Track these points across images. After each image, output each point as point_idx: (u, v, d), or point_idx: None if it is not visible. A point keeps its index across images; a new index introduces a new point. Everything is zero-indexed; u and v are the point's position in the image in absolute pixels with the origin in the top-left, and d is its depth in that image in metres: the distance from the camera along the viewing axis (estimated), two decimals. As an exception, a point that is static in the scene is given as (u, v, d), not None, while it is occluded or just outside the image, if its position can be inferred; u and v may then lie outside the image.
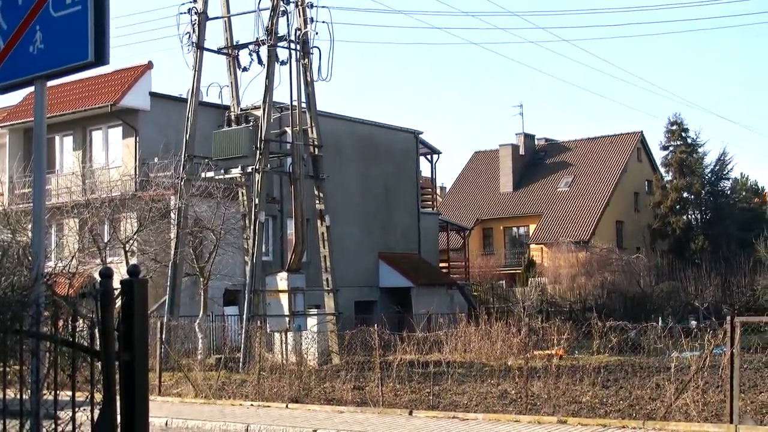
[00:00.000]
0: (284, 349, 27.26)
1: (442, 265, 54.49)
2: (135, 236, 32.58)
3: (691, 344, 18.18)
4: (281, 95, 32.29)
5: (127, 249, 32.11)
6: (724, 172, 68.65)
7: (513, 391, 19.84)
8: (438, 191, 64.42)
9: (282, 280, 30.54)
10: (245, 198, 33.41)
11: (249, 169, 31.20)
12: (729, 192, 69.17)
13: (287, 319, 29.77)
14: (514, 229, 69.48)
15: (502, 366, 23.66)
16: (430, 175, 55.51)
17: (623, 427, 15.61)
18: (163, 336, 24.52)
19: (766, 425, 14.25)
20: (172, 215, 32.58)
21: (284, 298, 30.17)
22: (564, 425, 16.32)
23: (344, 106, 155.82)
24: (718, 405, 15.78)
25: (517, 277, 60.49)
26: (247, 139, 30.97)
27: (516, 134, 74.29)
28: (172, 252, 31.42)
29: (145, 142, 37.76)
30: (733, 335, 14.60)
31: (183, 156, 31.82)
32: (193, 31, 31.47)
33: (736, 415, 14.38)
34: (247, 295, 30.33)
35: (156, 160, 34.68)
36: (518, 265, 62.60)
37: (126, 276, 5.92)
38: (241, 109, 33.40)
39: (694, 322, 38.83)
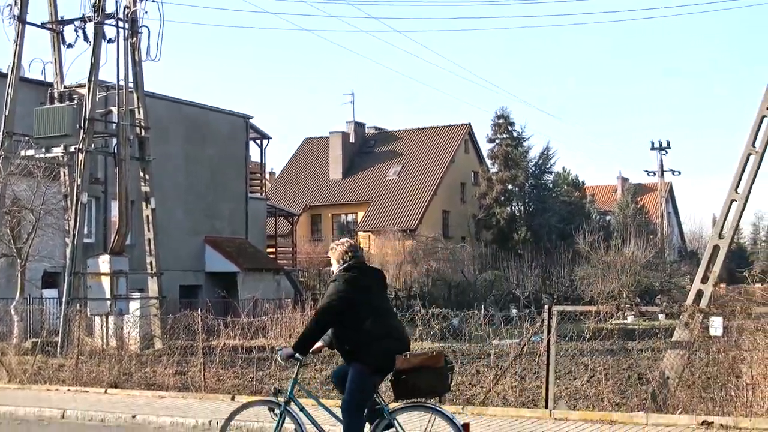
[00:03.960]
0: (105, 333, 26.63)
1: (269, 250, 54.33)
2: (-51, 215, 31.28)
3: (511, 332, 18.56)
4: (108, 74, 31.49)
5: (-61, 229, 30.84)
6: (547, 166, 70.49)
7: (336, 377, 19.86)
8: (267, 177, 64.19)
9: (104, 262, 29.89)
10: (67, 178, 32.45)
11: (72, 149, 30.36)
12: (551, 185, 71.05)
13: (109, 302, 29.14)
14: (343, 216, 69.80)
15: (326, 352, 23.66)
16: (259, 161, 55.22)
17: (443, 412, 15.80)
18: (-24, 319, 23.66)
19: (579, 410, 14.67)
20: (-11, 194, 31.40)
21: (106, 281, 29.54)
22: (385, 410, 16.44)
23: (173, 88, 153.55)
24: (535, 391, 16.18)
25: (344, 264, 60.77)
26: (71, 118, 30.08)
27: (347, 122, 74.69)
28: (-12, 232, 30.30)
29: (-39, 117, 36.18)
30: (550, 324, 14.96)
31: (2, 133, 30.72)
32: (15, 3, 30.42)
33: (552, 401, 14.76)
34: (67, 278, 29.59)
35: (-27, 136, 33.31)
36: (346, 252, 62.87)
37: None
38: (65, 87, 32.49)
39: (514, 311, 39.84)
